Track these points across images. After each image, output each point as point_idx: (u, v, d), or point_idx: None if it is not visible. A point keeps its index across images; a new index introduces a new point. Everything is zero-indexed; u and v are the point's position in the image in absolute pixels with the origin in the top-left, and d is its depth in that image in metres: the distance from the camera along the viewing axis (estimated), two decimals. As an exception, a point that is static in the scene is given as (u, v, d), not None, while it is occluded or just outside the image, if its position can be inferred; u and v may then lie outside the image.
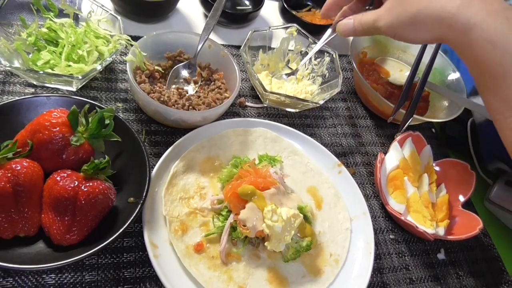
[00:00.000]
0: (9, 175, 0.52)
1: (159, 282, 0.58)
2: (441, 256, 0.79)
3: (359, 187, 0.78)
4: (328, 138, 0.89)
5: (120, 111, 0.76)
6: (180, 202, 0.67)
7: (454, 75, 0.98)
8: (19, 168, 0.53)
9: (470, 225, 0.76)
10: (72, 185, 0.54)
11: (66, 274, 0.57)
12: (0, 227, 0.52)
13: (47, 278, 0.56)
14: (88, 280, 0.57)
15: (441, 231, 0.75)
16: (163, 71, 0.79)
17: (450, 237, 0.75)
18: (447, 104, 0.95)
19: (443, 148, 0.99)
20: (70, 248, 0.54)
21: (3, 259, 0.49)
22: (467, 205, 0.85)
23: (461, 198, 0.82)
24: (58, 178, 0.55)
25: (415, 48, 1.04)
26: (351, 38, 1.11)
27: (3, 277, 0.54)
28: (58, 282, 0.56)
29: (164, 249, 0.61)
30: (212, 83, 0.83)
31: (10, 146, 0.54)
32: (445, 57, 1.02)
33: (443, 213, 0.78)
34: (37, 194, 0.55)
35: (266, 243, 0.63)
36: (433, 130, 1.02)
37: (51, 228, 0.54)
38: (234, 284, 0.62)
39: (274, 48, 0.94)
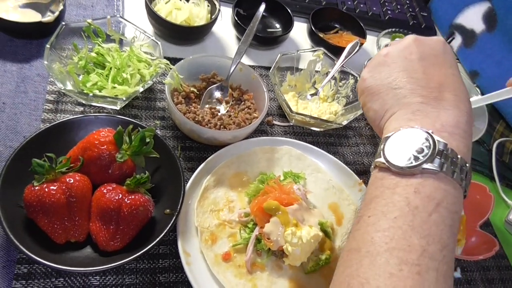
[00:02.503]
0: (64, 187, 0.59)
1: (190, 287, 0.64)
2: (457, 274, 0.82)
3: (379, 205, 0.82)
4: (351, 157, 0.93)
5: (158, 128, 0.83)
6: (211, 214, 0.73)
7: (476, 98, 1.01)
8: (72, 181, 0.60)
9: (487, 246, 0.78)
10: (117, 198, 0.61)
11: (109, 277, 0.63)
12: (55, 233, 0.59)
13: (93, 279, 0.63)
14: (128, 282, 0.64)
15: (457, 251, 0.78)
16: (198, 92, 0.86)
17: (466, 257, 0.78)
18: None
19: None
20: (113, 254, 0.61)
21: (56, 261, 0.56)
22: (486, 226, 0.88)
23: (479, 219, 0.85)
24: (104, 191, 0.62)
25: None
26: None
27: (55, 277, 0.61)
28: (102, 283, 0.63)
29: (195, 257, 0.68)
30: (242, 103, 0.89)
31: (64, 162, 0.61)
32: (468, 81, 1.04)
33: (460, 233, 0.81)
34: (87, 205, 0.62)
35: (284, 259, 0.68)
36: (455, 150, 1.04)
37: (98, 235, 0.61)
38: (258, 292, 0.67)
39: (301, 69, 1.00)
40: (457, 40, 1.29)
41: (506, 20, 1.12)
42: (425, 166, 0.46)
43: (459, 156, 0.48)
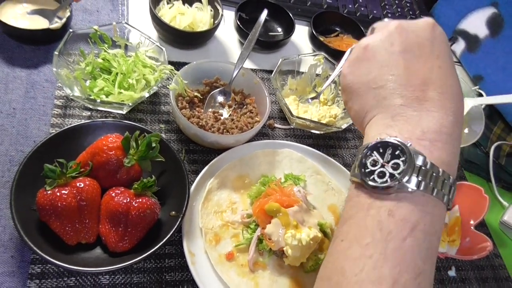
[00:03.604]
0: (74, 191, 0.62)
1: (195, 285, 0.67)
2: (452, 273, 0.85)
3: (377, 206, 0.85)
4: (350, 159, 0.96)
5: (163, 132, 0.86)
6: (214, 215, 0.76)
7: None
8: (82, 185, 0.63)
9: (481, 246, 0.81)
10: (125, 201, 0.64)
11: (118, 276, 0.66)
12: (67, 235, 0.62)
13: (103, 278, 0.65)
14: (136, 281, 0.67)
15: (452, 251, 0.81)
16: (201, 97, 0.89)
17: (460, 257, 0.81)
18: (466, 131, 0.99)
19: (461, 171, 1.04)
20: (122, 254, 0.64)
21: (68, 261, 0.58)
22: (481, 226, 0.91)
23: (474, 220, 0.87)
24: (113, 195, 0.64)
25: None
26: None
27: (67, 277, 0.64)
28: (112, 282, 0.66)
29: (200, 257, 0.70)
30: (245, 106, 0.92)
31: (74, 167, 0.64)
32: (467, 82, 1.07)
33: (455, 234, 0.84)
34: (96, 208, 0.65)
35: (284, 259, 0.71)
36: (452, 152, 1.07)
37: (107, 237, 0.64)
38: (260, 290, 0.70)
39: (302, 73, 1.02)
40: (461, 45, 1.31)
41: None
42: (401, 185, 0.42)
43: (440, 170, 0.43)
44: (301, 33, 1.18)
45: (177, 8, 0.99)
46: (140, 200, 0.64)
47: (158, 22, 0.95)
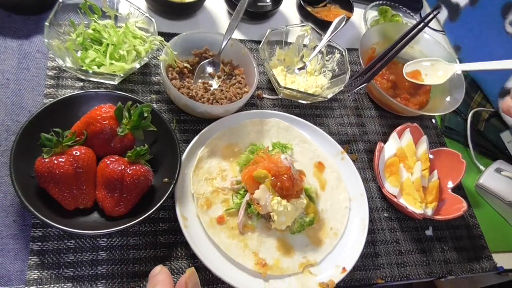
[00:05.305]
0: (71, 159, 0.65)
1: (188, 247, 0.71)
2: (429, 232, 0.90)
3: (360, 172, 0.89)
4: (335, 127, 0.99)
5: (154, 102, 0.88)
6: (205, 182, 0.80)
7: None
8: (78, 154, 0.66)
9: (457, 207, 0.86)
10: (120, 168, 0.67)
11: (115, 239, 0.71)
12: (65, 200, 0.65)
13: (101, 241, 0.70)
14: (132, 243, 0.71)
15: (429, 212, 0.86)
16: (191, 67, 0.91)
17: (437, 217, 0.86)
18: (448, 99, 1.03)
19: (441, 138, 1.08)
20: (118, 219, 0.67)
21: (68, 225, 0.62)
22: (458, 189, 0.96)
23: (452, 183, 0.92)
24: (108, 162, 0.67)
25: (423, 44, 1.12)
26: (363, 31, 1.19)
27: (67, 239, 0.68)
28: (109, 244, 0.70)
29: (192, 221, 0.75)
30: (234, 77, 0.94)
31: (70, 136, 0.67)
32: (450, 52, 1.09)
33: (432, 196, 0.89)
34: (92, 175, 0.68)
35: (271, 223, 0.76)
36: (433, 121, 1.11)
37: (103, 202, 0.67)
38: (249, 250, 0.75)
39: (290, 43, 1.04)
40: (443, 14, 1.33)
41: None
42: None
43: None
44: (289, 4, 1.19)
45: (165, -22, 0.99)
46: (134, 167, 0.67)
47: (147, -8, 0.95)
